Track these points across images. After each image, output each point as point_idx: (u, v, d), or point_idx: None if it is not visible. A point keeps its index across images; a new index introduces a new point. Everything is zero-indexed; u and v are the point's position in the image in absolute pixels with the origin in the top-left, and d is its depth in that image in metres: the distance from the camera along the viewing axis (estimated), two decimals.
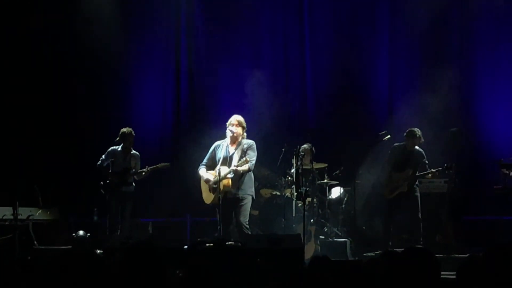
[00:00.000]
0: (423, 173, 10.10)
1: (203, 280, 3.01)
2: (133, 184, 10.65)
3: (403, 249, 3.61)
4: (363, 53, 12.54)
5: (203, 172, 9.44)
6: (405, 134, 10.22)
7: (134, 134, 10.65)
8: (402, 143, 10.28)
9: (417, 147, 10.22)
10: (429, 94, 11.32)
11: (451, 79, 11.54)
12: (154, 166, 10.50)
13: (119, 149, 10.64)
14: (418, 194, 10.20)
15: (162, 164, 10.56)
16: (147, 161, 10.77)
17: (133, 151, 10.69)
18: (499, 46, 11.77)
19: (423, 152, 10.20)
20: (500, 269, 3.09)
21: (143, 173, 10.47)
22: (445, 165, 9.97)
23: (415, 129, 10.18)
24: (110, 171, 10.42)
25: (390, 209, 10.29)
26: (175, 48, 13.19)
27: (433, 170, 9.99)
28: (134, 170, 10.51)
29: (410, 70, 12.13)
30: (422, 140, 10.16)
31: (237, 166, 9.04)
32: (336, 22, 12.61)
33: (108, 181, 10.40)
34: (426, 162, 10.14)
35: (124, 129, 10.62)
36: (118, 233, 10.29)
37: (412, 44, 12.16)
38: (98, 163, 10.67)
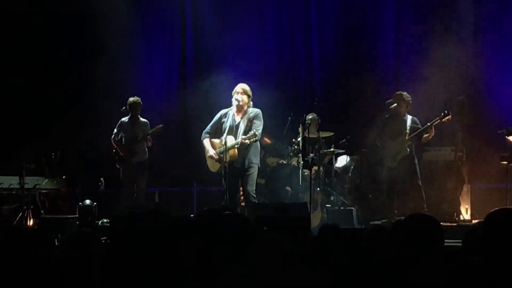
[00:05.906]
0: (422, 128, 9.95)
1: (203, 249, 3.00)
2: (146, 153, 10.63)
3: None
4: (369, 22, 12.51)
5: (207, 144, 9.40)
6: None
7: (141, 103, 10.60)
8: (392, 113, 10.23)
9: (409, 116, 10.16)
10: (435, 63, 11.24)
11: (458, 47, 11.45)
12: (151, 131, 10.45)
13: (127, 119, 10.63)
14: (416, 161, 10.14)
15: (156, 127, 10.47)
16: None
17: (141, 120, 10.66)
18: (506, 16, 11.68)
19: (416, 118, 10.15)
20: (498, 236, 3.05)
21: (146, 142, 10.46)
22: (442, 113, 9.82)
23: (399, 91, 10.16)
24: (120, 143, 10.54)
25: (391, 178, 10.26)
26: (180, 13, 13.15)
27: (429, 124, 9.87)
28: (138, 138, 10.50)
29: (416, 39, 12.03)
30: (409, 98, 10.08)
31: (244, 139, 9.01)
32: None
33: (116, 154, 10.53)
34: (420, 127, 10.06)
35: (131, 98, 10.58)
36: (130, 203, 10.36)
37: (418, 13, 12.08)
38: (112, 136, 10.69)
